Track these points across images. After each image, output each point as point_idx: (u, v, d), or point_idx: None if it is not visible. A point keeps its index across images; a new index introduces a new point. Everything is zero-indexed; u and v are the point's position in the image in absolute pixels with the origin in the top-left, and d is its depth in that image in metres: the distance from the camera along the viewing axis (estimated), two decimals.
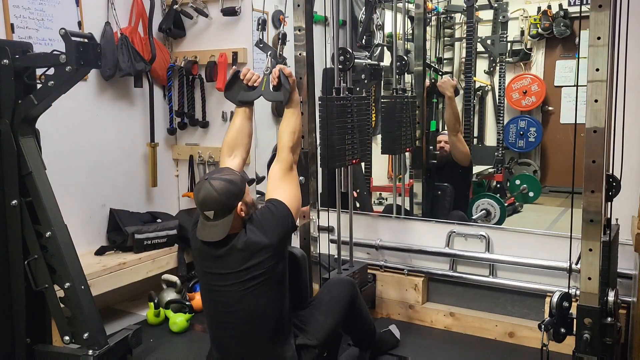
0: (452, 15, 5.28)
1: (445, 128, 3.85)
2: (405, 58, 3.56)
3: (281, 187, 2.15)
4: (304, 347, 2.14)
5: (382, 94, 4.25)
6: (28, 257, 2.18)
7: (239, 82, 2.36)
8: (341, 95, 2.79)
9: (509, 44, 5.28)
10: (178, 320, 3.06)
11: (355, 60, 3.28)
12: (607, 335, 1.80)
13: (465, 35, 4.81)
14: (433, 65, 3.94)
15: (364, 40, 4.03)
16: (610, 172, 1.91)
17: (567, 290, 1.91)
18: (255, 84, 2.32)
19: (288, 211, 2.08)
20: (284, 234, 2.06)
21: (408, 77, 4.05)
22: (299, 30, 2.47)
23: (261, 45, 2.41)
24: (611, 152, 1.94)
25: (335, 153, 2.71)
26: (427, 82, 3.84)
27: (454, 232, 3.11)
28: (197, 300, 3.27)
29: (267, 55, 2.38)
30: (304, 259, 2.41)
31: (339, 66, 2.81)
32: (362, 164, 4.10)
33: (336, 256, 2.97)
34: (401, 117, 3.45)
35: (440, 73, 3.81)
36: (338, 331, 2.40)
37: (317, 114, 2.67)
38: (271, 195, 2.13)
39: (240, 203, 2.01)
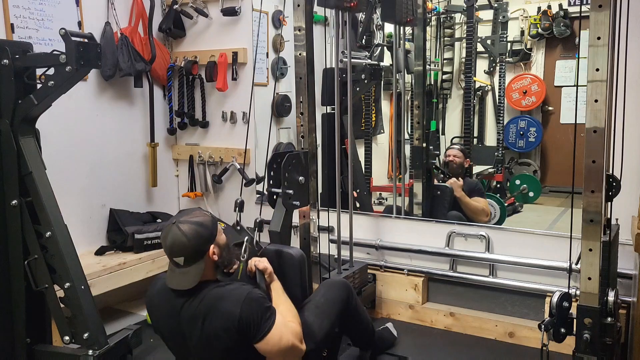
0: (452, 15, 5.30)
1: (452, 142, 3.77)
2: None
3: (285, 325, 1.91)
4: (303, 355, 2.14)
5: (382, 96, 4.24)
6: (28, 257, 2.17)
7: None
8: None
9: (509, 44, 5.29)
10: None
11: (355, 60, 3.28)
12: (607, 335, 1.80)
13: (465, 35, 4.82)
14: (440, 167, 3.94)
15: (364, 40, 4.04)
16: (610, 172, 1.90)
17: (567, 290, 1.91)
18: (231, 271, 2.14)
19: (270, 326, 1.85)
20: (249, 330, 1.83)
21: (408, 77, 4.06)
22: (299, 30, 2.47)
23: (238, 228, 2.31)
24: (611, 152, 1.94)
25: None
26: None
27: (454, 232, 3.11)
28: None
29: (244, 241, 2.18)
30: (304, 259, 2.41)
31: None
32: (362, 164, 4.11)
33: (336, 256, 2.97)
34: None
35: (447, 175, 3.80)
36: (336, 332, 2.40)
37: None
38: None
39: (212, 246, 1.90)
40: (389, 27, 4.26)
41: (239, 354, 1.91)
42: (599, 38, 1.70)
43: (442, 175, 3.82)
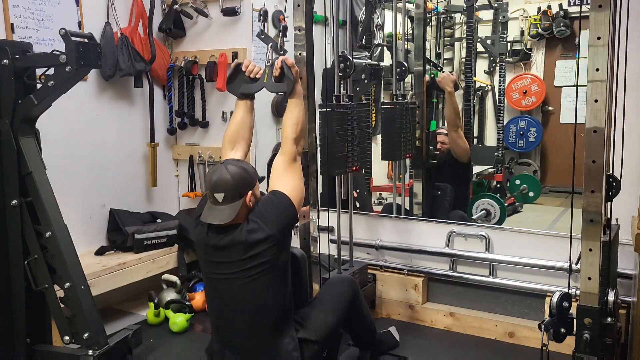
0: (452, 15, 5.29)
1: (445, 124, 3.81)
2: (405, 64, 3.55)
3: (284, 179, 2.16)
4: (305, 341, 2.14)
5: (382, 97, 4.26)
6: (28, 257, 2.18)
7: (241, 75, 2.35)
8: (341, 102, 2.79)
9: (509, 44, 5.28)
10: (178, 320, 3.06)
11: (355, 61, 3.28)
12: (607, 335, 1.80)
13: (465, 35, 4.81)
14: (432, 61, 3.93)
15: (364, 40, 4.03)
16: (610, 172, 1.90)
17: (567, 290, 1.91)
18: (257, 76, 2.32)
19: (290, 202, 2.09)
20: (285, 224, 2.08)
21: (408, 77, 4.06)
22: (299, 30, 2.47)
23: (262, 37, 2.40)
24: (611, 152, 1.94)
25: (335, 160, 2.71)
26: (427, 78, 3.82)
27: (454, 232, 3.11)
28: (197, 300, 3.27)
29: (268, 47, 2.37)
30: (304, 259, 2.41)
31: (339, 73, 2.81)
32: None
33: (336, 256, 2.97)
34: (401, 123, 3.43)
35: (439, 69, 3.79)
36: (339, 330, 2.40)
37: (317, 121, 2.66)
38: (274, 186, 2.16)
39: (250, 193, 2.05)
40: (388, 27, 4.26)
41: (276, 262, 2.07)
42: (599, 38, 1.70)
43: (435, 69, 3.79)
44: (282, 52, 2.37)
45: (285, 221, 2.08)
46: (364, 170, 4.08)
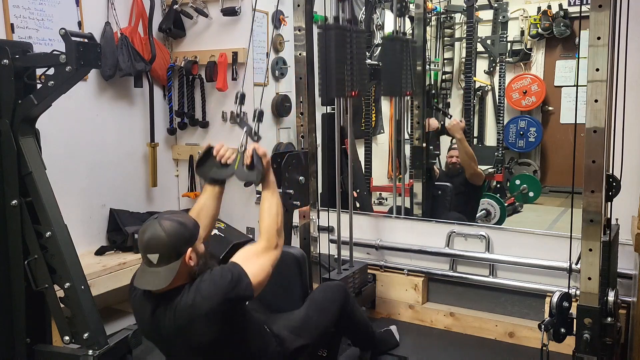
0: (452, 15, 5.30)
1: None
2: (406, 1, 3.56)
3: (254, 261, 1.90)
4: (299, 350, 2.14)
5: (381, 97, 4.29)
6: (28, 257, 2.18)
7: (212, 159, 2.15)
8: (340, 24, 2.75)
9: (509, 44, 5.30)
10: None
11: None
12: (607, 335, 1.80)
13: (465, 35, 4.82)
14: (441, 108, 3.97)
15: None
16: (610, 172, 1.91)
17: (567, 290, 1.91)
18: (228, 162, 2.13)
19: (248, 282, 1.81)
20: (236, 302, 1.82)
21: None
22: (299, 30, 2.47)
23: (238, 121, 2.29)
24: (611, 152, 1.94)
25: (333, 83, 2.65)
26: (436, 124, 3.83)
27: (454, 232, 3.11)
28: None
29: (243, 132, 2.19)
30: (304, 259, 2.41)
31: None
32: (362, 164, 4.11)
33: (336, 256, 2.97)
34: (402, 59, 3.43)
35: (448, 116, 3.83)
36: (337, 333, 2.40)
37: (316, 43, 2.60)
38: (241, 259, 1.90)
39: (190, 250, 1.78)
40: (388, 27, 4.27)
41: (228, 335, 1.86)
42: (599, 38, 1.70)
43: (444, 116, 3.84)
44: (256, 139, 2.19)
45: (236, 299, 1.80)
46: (364, 169, 4.10)
